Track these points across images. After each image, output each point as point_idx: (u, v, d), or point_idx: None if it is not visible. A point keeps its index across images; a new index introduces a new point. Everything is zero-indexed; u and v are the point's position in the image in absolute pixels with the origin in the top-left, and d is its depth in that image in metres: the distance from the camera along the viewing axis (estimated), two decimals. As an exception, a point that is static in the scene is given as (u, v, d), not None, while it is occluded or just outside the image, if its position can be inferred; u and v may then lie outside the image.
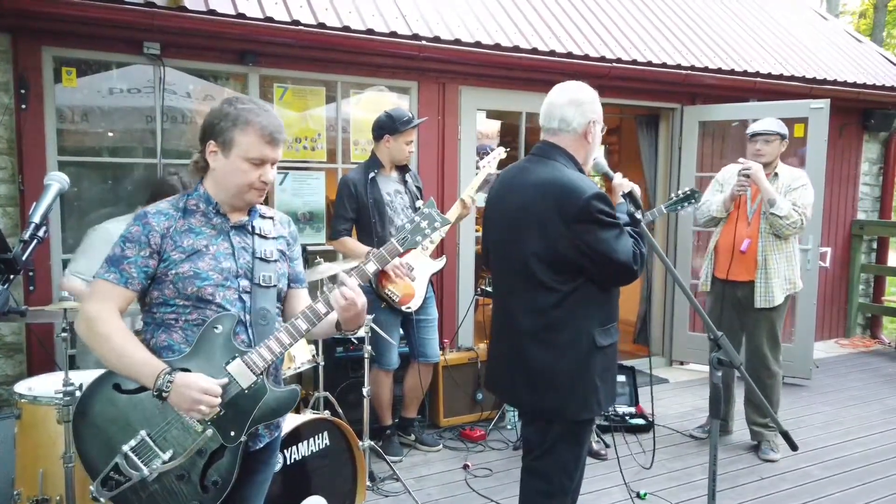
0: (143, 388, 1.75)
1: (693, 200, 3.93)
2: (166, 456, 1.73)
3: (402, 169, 4.02)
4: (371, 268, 1.88)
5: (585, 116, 2.35)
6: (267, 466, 2.03)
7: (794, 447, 2.11)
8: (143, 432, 1.74)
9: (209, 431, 1.74)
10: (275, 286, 1.90)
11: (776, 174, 4.10)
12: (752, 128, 4.16)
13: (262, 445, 1.93)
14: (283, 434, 2.71)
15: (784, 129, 4.11)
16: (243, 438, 1.78)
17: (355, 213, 3.82)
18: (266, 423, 1.85)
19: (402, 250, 1.92)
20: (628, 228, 2.34)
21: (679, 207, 3.96)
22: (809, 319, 5.60)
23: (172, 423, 1.74)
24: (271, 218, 1.98)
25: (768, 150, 4.05)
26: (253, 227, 1.91)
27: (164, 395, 1.69)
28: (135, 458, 1.72)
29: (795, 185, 4.06)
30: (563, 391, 2.31)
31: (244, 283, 1.84)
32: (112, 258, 1.77)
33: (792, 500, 3.60)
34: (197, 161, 1.87)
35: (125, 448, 1.72)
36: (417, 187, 4.08)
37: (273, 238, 1.94)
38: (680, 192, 3.96)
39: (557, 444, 2.38)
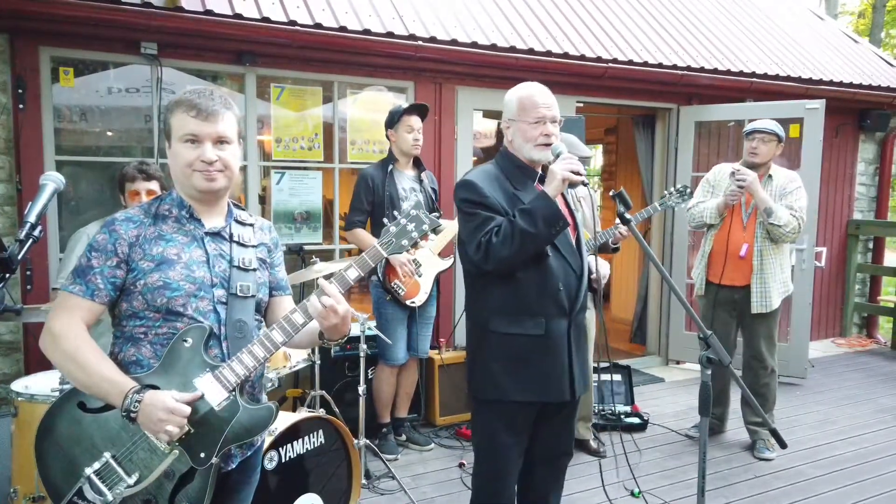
0: (108, 407, 1.64)
1: (686, 196, 3.88)
2: (131, 480, 1.62)
3: (418, 166, 4.09)
4: (352, 274, 1.76)
5: (503, 117, 2.47)
6: (247, 485, 1.91)
7: (782, 445, 2.15)
8: (107, 454, 1.64)
9: (175, 452, 1.63)
10: (253, 297, 1.78)
11: (770, 176, 4.11)
12: (751, 125, 4.13)
13: (234, 466, 1.79)
14: (278, 432, 2.74)
15: (782, 132, 4.09)
16: (215, 460, 1.65)
17: (371, 206, 3.90)
18: (239, 443, 1.71)
19: (385, 255, 1.81)
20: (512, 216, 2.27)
21: (672, 203, 3.88)
22: (805, 319, 5.63)
23: (139, 443, 1.63)
24: (251, 225, 1.87)
25: (764, 150, 4.03)
26: (231, 234, 1.80)
27: (132, 415, 1.58)
28: (98, 483, 1.62)
29: (791, 188, 4.06)
30: (468, 363, 2.52)
31: (219, 292, 1.72)
32: (78, 269, 1.67)
33: (785, 498, 3.62)
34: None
35: (88, 471, 1.62)
36: (433, 189, 4.14)
37: (253, 246, 1.83)
38: (673, 189, 3.89)
39: (474, 423, 2.59)
